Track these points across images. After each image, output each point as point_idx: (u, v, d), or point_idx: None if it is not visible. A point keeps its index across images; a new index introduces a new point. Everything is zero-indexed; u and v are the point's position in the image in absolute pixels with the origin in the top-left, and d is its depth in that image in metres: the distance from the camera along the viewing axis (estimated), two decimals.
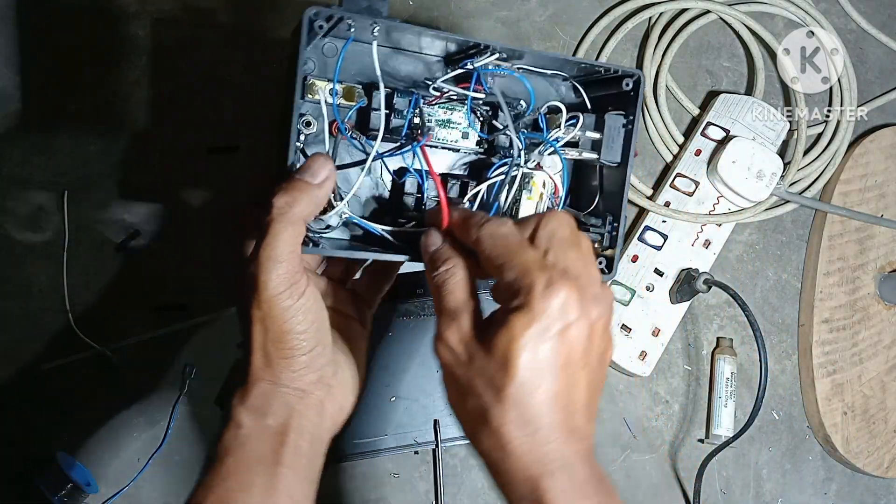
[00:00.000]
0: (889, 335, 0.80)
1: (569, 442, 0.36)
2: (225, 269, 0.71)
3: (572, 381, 0.37)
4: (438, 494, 0.69)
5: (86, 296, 0.69)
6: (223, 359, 0.70)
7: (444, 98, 0.47)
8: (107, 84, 0.74)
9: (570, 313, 0.36)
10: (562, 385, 0.36)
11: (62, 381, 0.68)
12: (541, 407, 0.36)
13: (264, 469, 0.39)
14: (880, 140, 0.83)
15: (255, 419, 0.40)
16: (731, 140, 0.75)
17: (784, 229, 0.81)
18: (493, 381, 0.36)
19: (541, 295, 0.35)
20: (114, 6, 0.75)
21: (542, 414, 0.36)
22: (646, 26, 0.82)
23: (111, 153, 0.72)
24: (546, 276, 0.36)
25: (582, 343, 0.37)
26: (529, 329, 0.35)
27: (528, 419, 0.36)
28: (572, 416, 0.37)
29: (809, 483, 0.78)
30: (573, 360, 0.37)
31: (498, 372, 0.36)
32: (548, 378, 0.36)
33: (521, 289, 0.36)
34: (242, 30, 0.76)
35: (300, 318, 0.39)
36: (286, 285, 0.38)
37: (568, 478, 0.36)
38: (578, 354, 0.37)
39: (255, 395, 0.40)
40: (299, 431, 0.40)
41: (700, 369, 0.77)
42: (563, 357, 0.36)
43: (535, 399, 0.36)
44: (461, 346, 0.38)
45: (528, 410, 0.36)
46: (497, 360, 0.36)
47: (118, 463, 0.67)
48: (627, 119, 0.47)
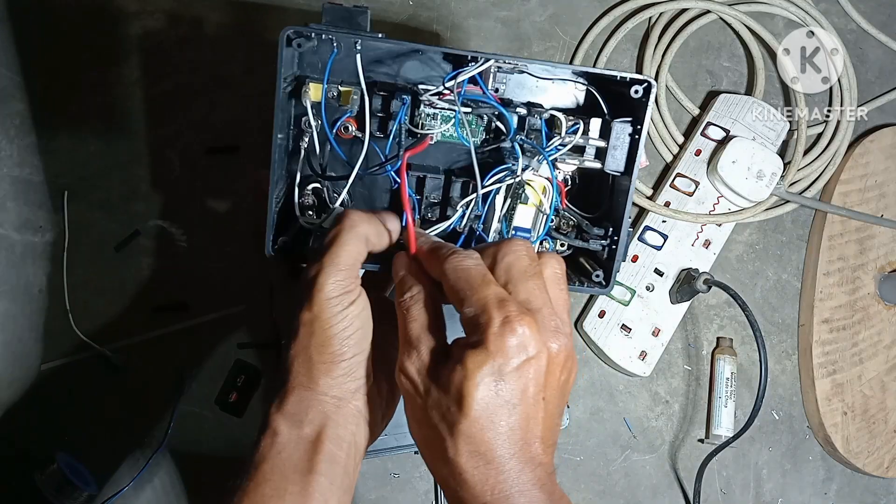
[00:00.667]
0: (889, 335, 0.80)
1: (524, 470, 0.36)
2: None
3: (529, 415, 0.37)
4: (438, 494, 0.69)
5: (86, 296, 0.69)
6: (223, 359, 0.70)
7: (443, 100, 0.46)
8: (107, 84, 0.74)
9: (529, 349, 0.36)
10: (518, 419, 0.36)
11: (62, 381, 0.68)
12: (495, 441, 0.36)
13: (299, 477, 0.39)
14: (880, 140, 0.83)
15: (291, 427, 0.40)
16: (731, 140, 0.75)
17: (784, 229, 0.81)
18: (447, 415, 0.36)
19: (497, 333, 0.35)
20: (114, 6, 0.75)
21: (497, 447, 0.36)
22: (646, 26, 0.82)
23: (111, 153, 0.72)
24: (503, 314, 0.36)
25: (540, 377, 0.37)
26: (484, 367, 0.35)
27: (482, 452, 0.36)
28: (529, 446, 0.37)
29: (809, 483, 0.78)
30: (530, 395, 0.36)
31: (452, 406, 0.36)
32: (503, 414, 0.36)
33: (479, 326, 0.36)
34: (242, 30, 0.76)
35: (346, 323, 0.40)
36: (340, 291, 0.39)
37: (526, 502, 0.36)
38: (537, 388, 0.37)
39: (293, 402, 0.40)
40: (336, 440, 0.41)
41: (700, 369, 0.77)
42: (519, 393, 0.36)
43: (490, 434, 0.36)
44: (419, 377, 0.38)
45: (482, 445, 0.36)
46: (452, 396, 0.36)
47: (118, 463, 0.67)
48: (635, 128, 0.46)
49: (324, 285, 0.39)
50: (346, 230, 0.40)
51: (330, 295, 0.39)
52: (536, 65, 0.46)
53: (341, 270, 0.39)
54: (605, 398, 0.75)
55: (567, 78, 0.48)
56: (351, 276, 0.40)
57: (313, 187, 0.46)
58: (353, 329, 0.40)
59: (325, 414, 0.40)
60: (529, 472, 0.37)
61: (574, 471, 0.74)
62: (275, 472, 0.39)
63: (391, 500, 0.70)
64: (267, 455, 0.40)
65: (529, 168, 0.46)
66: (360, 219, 0.41)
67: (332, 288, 0.39)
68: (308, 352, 0.40)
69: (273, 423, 0.40)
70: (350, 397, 0.41)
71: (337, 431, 0.41)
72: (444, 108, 0.46)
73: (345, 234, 0.40)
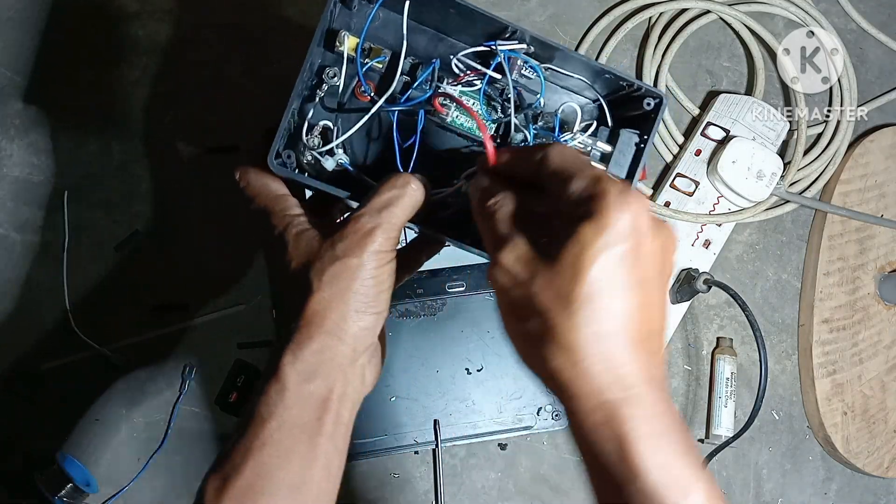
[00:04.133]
0: (889, 335, 0.80)
1: (648, 366, 0.34)
2: None
3: (649, 299, 0.34)
4: (438, 494, 0.69)
5: (86, 296, 0.69)
6: (223, 359, 0.70)
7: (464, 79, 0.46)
8: (107, 84, 0.74)
9: (643, 227, 0.34)
10: (639, 300, 0.34)
11: (62, 381, 0.68)
12: (617, 321, 0.33)
13: (306, 437, 0.39)
14: (880, 140, 0.83)
15: (302, 381, 0.39)
16: (731, 140, 0.75)
17: (784, 229, 0.81)
18: (563, 293, 0.33)
19: (615, 202, 0.33)
20: (114, 6, 0.75)
21: (619, 330, 0.33)
22: (646, 26, 0.82)
23: (111, 153, 0.72)
24: (619, 185, 0.33)
25: (656, 260, 0.34)
26: (603, 236, 0.33)
27: (604, 333, 0.33)
28: (650, 336, 0.34)
29: (809, 483, 0.78)
30: (648, 277, 0.34)
31: (568, 283, 0.33)
32: (623, 290, 0.33)
33: (593, 196, 0.33)
34: (242, 30, 0.76)
35: (385, 277, 0.40)
36: (389, 247, 0.40)
37: (648, 409, 0.34)
38: (653, 272, 0.34)
39: (311, 352, 0.39)
40: (342, 398, 0.40)
41: (700, 369, 0.77)
42: (638, 271, 0.33)
43: (611, 312, 0.33)
44: (519, 264, 0.35)
45: (604, 324, 0.33)
46: (566, 272, 0.33)
47: (118, 463, 0.67)
48: (641, 138, 0.46)
49: (377, 239, 0.39)
50: (408, 196, 0.41)
51: (380, 248, 0.40)
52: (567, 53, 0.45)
53: (395, 230, 0.40)
54: None
55: (584, 80, 0.48)
56: (398, 236, 0.41)
57: (324, 125, 0.45)
58: (388, 283, 0.41)
59: (340, 368, 0.40)
60: (653, 369, 0.34)
61: (574, 471, 0.74)
62: (282, 431, 0.38)
63: (391, 500, 0.70)
64: (275, 410, 0.39)
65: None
66: (419, 187, 0.41)
67: (382, 242, 0.40)
68: (346, 295, 0.39)
69: (284, 374, 0.39)
70: (363, 352, 0.41)
71: (345, 389, 0.40)
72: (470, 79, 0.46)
73: (405, 199, 0.41)
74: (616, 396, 0.33)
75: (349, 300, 0.39)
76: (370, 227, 0.40)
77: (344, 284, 0.39)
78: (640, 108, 0.45)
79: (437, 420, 0.68)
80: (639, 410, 0.33)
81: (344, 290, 0.39)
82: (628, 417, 0.33)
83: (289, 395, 0.39)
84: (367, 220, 0.40)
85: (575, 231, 0.33)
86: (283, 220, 0.43)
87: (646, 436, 0.33)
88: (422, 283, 0.71)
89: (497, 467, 0.72)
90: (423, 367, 0.69)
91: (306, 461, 0.39)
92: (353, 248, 0.39)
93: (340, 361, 0.40)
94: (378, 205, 0.40)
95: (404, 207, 0.41)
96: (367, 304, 0.40)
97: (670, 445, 0.34)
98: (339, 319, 0.39)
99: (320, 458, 0.39)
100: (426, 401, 0.69)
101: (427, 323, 0.70)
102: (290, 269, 0.41)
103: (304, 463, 0.39)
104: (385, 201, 0.40)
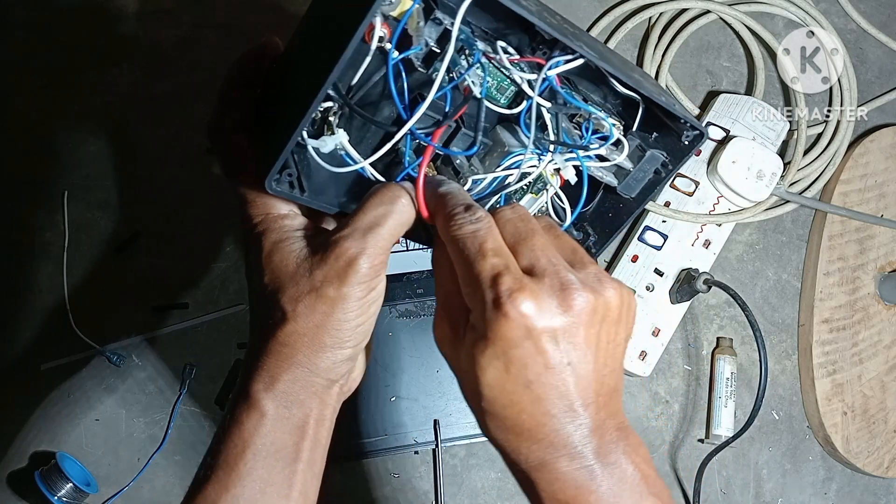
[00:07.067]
0: (889, 335, 0.80)
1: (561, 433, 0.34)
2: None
3: (552, 384, 0.34)
4: (438, 494, 0.69)
5: (86, 296, 0.69)
6: (223, 359, 0.70)
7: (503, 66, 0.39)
8: (107, 84, 0.74)
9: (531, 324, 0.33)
10: (542, 391, 0.34)
11: (62, 381, 0.68)
12: (520, 416, 0.34)
13: (282, 466, 0.37)
14: (880, 140, 0.83)
15: (280, 407, 0.37)
16: (731, 140, 0.75)
17: (784, 229, 0.81)
18: (471, 394, 0.36)
19: (491, 318, 0.33)
20: (114, 6, 0.75)
21: (524, 420, 0.34)
22: (646, 26, 0.82)
23: (111, 153, 0.72)
24: (493, 293, 0.33)
25: (554, 347, 0.34)
26: (486, 353, 0.34)
27: (508, 427, 0.35)
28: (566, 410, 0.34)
29: (809, 483, 0.78)
30: (548, 366, 0.34)
31: (472, 386, 0.35)
32: (519, 391, 0.34)
33: (474, 310, 0.34)
34: (242, 30, 0.76)
35: (363, 309, 0.37)
36: (374, 275, 0.36)
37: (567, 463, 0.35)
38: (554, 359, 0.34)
39: (286, 381, 0.37)
40: (320, 421, 0.38)
41: (700, 369, 0.77)
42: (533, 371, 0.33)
43: (512, 411, 0.34)
44: (447, 348, 0.37)
45: (507, 420, 0.35)
46: (469, 377, 0.35)
47: (118, 463, 0.67)
48: (665, 166, 0.43)
49: (360, 268, 0.35)
50: (398, 213, 0.37)
51: (363, 279, 0.36)
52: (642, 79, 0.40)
53: (381, 253, 0.36)
54: None
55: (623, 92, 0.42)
56: (385, 259, 0.37)
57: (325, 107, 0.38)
58: (367, 316, 0.37)
59: (314, 395, 0.38)
60: (567, 434, 0.34)
61: None
62: (258, 461, 0.37)
63: (391, 500, 0.70)
64: (250, 440, 0.37)
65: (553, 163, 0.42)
66: (408, 202, 0.37)
67: (366, 271, 0.36)
68: (320, 332, 0.36)
69: (261, 402, 0.37)
70: (340, 378, 0.39)
71: (323, 412, 0.39)
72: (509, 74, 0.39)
73: (394, 217, 0.36)
74: (526, 467, 0.35)
75: (322, 337, 0.36)
76: (353, 252, 0.35)
77: (318, 319, 0.36)
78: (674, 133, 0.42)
79: (437, 420, 0.68)
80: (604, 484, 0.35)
81: (318, 325, 0.36)
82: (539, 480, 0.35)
83: (266, 421, 0.37)
84: (349, 245, 0.35)
85: (467, 341, 0.35)
86: (261, 220, 0.39)
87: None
88: (422, 283, 0.71)
89: (497, 467, 0.72)
90: (423, 367, 0.69)
91: (283, 491, 0.37)
92: (333, 277, 0.36)
93: (316, 389, 0.38)
94: (363, 225, 0.36)
95: (392, 228, 0.36)
96: (342, 340, 0.37)
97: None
98: (310, 354, 0.37)
99: (297, 486, 0.38)
100: (426, 401, 0.69)
101: (427, 323, 0.70)
102: (262, 282, 0.38)
103: (282, 492, 0.37)
104: (371, 221, 0.36)
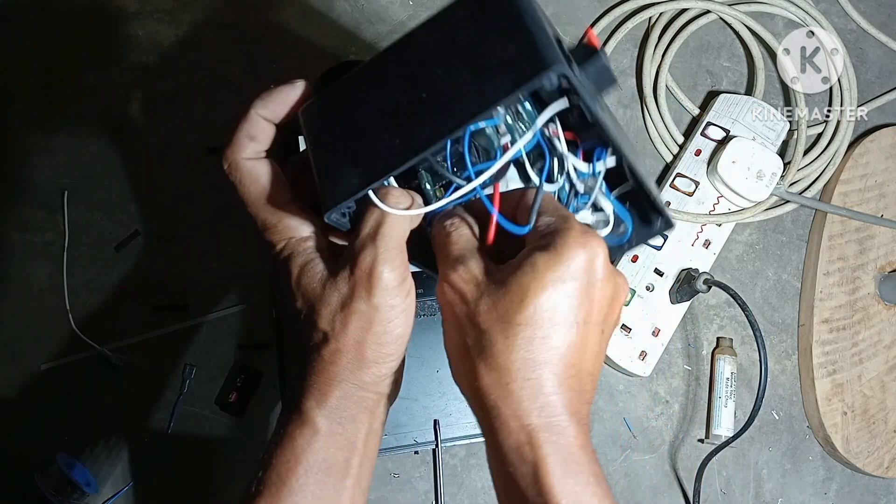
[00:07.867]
0: (889, 335, 0.80)
1: (573, 402, 0.34)
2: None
3: (587, 340, 0.34)
4: (438, 494, 0.69)
5: (86, 296, 0.69)
6: (223, 359, 0.70)
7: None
8: (107, 84, 0.74)
9: (597, 271, 0.34)
10: (577, 338, 0.34)
11: (62, 381, 0.68)
12: (552, 353, 0.33)
13: (334, 482, 0.37)
14: (880, 140, 0.83)
15: (333, 423, 0.37)
16: (731, 140, 0.75)
17: (784, 229, 0.81)
18: (505, 316, 0.33)
19: (575, 240, 0.33)
20: (114, 6, 0.75)
21: (552, 361, 0.34)
22: (646, 26, 0.82)
23: (111, 153, 0.72)
24: (583, 227, 0.34)
25: (603, 306, 0.35)
26: (556, 269, 0.33)
27: (537, 361, 0.34)
28: (579, 375, 0.35)
29: (809, 483, 0.78)
30: (591, 319, 0.34)
31: (512, 307, 0.33)
32: (564, 325, 0.33)
33: (556, 231, 0.34)
34: (242, 30, 0.76)
35: (403, 319, 0.37)
36: (399, 280, 0.36)
37: (568, 438, 0.34)
38: (598, 316, 0.34)
39: (337, 398, 0.37)
40: (370, 435, 0.39)
41: (700, 369, 0.77)
42: (583, 311, 0.34)
43: (548, 343, 0.33)
44: (470, 284, 0.35)
45: (539, 352, 0.33)
46: (513, 296, 0.33)
47: (118, 463, 0.67)
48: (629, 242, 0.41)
49: (381, 274, 0.35)
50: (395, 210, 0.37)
51: (389, 285, 0.35)
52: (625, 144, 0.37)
53: (397, 254, 0.36)
54: (604, 398, 0.75)
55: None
56: (405, 261, 0.37)
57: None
58: (407, 325, 0.37)
59: (365, 409, 0.38)
60: (578, 405, 0.34)
61: None
62: (309, 477, 0.37)
63: (391, 500, 0.70)
64: (302, 456, 0.37)
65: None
66: (400, 195, 0.37)
67: (390, 277, 0.35)
68: (361, 347, 0.36)
69: (313, 418, 0.37)
70: (387, 390, 0.39)
71: (373, 426, 0.39)
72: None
73: (393, 215, 0.37)
74: (539, 422, 0.34)
75: (364, 352, 0.36)
76: (370, 261, 0.35)
77: (357, 335, 0.36)
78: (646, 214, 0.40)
79: (437, 420, 0.68)
80: (558, 438, 0.34)
81: (358, 341, 0.36)
82: (546, 442, 0.34)
83: (319, 437, 0.37)
84: (364, 255, 0.36)
85: (530, 259, 0.33)
86: (284, 244, 0.39)
87: (561, 461, 0.33)
88: (422, 283, 0.71)
89: None
90: (423, 367, 0.69)
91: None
92: (360, 291, 0.35)
93: (367, 404, 0.38)
94: (368, 232, 0.36)
95: (394, 223, 0.36)
96: (383, 354, 0.37)
97: (583, 475, 0.34)
98: (355, 370, 0.37)
99: (345, 502, 0.38)
100: (426, 401, 0.69)
101: (427, 323, 0.70)
102: (296, 307, 0.38)
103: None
104: (373, 225, 0.36)
